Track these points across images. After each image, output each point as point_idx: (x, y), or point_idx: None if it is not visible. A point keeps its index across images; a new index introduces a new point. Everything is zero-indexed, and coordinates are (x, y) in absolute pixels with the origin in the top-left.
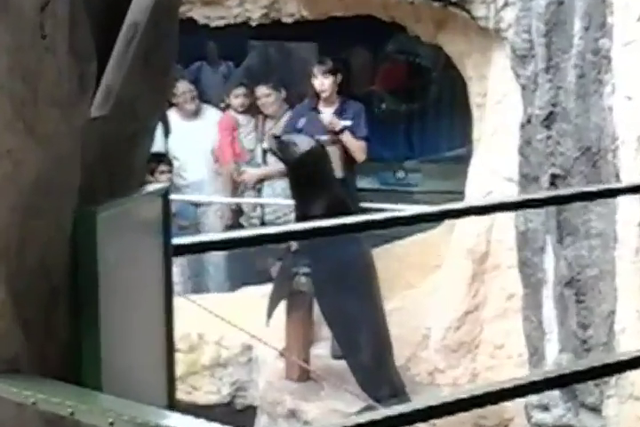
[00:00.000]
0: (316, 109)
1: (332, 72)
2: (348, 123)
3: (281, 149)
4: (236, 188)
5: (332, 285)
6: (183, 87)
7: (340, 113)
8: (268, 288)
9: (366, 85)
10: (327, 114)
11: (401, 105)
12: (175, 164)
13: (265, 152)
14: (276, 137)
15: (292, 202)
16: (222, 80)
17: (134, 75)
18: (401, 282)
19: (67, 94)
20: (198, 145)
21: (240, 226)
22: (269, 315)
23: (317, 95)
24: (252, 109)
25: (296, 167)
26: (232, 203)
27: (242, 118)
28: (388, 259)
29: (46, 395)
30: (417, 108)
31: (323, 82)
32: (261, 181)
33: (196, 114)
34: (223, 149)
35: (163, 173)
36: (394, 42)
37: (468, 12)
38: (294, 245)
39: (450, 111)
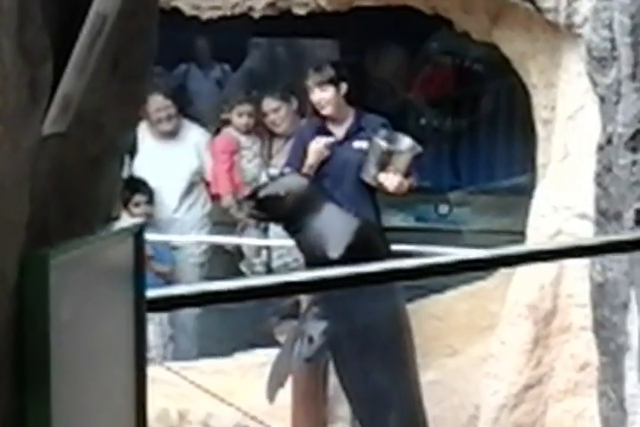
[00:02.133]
0: (323, 131)
1: (332, 81)
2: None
3: (263, 207)
4: (234, 226)
5: (356, 349)
6: (158, 102)
7: (354, 133)
8: (269, 353)
9: (400, 95)
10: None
11: (445, 120)
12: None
13: (272, 180)
14: (249, 196)
15: (301, 242)
16: (215, 87)
17: (100, 81)
18: (441, 347)
19: (12, 106)
20: (172, 172)
21: (239, 273)
22: (273, 390)
23: (317, 113)
24: (257, 127)
25: (294, 220)
26: (229, 245)
27: (245, 140)
28: (426, 317)
29: None
30: (465, 124)
31: (321, 96)
32: None
33: (173, 134)
34: (219, 178)
35: (138, 204)
36: (436, 40)
37: (533, 2)
38: (307, 299)
39: (508, 129)
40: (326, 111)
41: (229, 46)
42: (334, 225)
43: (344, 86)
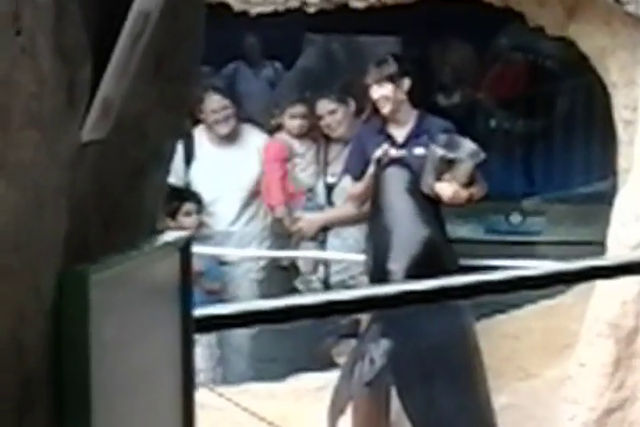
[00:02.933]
0: (383, 134)
1: (392, 78)
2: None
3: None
4: (289, 239)
5: (419, 373)
6: (215, 102)
7: (415, 137)
8: (327, 377)
9: (468, 94)
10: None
11: (517, 122)
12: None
13: (330, 189)
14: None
15: (363, 256)
16: (267, 87)
17: (142, 84)
18: (515, 369)
19: (50, 111)
20: (232, 180)
21: (295, 290)
22: (334, 417)
23: (376, 111)
24: (313, 132)
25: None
26: (283, 259)
27: (298, 145)
28: (497, 336)
29: None
30: (539, 126)
31: (380, 92)
32: (325, 229)
33: (231, 138)
34: (270, 188)
35: (189, 214)
36: (507, 35)
37: None
38: (367, 317)
39: (586, 131)
40: (386, 110)
41: (282, 44)
42: (396, 236)
43: (407, 83)
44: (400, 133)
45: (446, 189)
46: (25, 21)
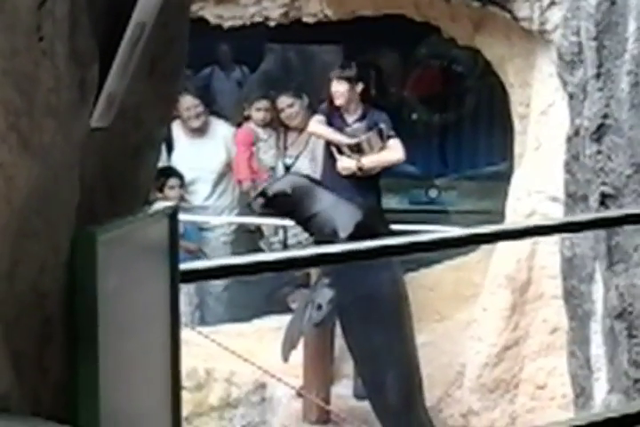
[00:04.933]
0: (338, 116)
1: (349, 79)
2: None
3: (273, 204)
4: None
5: (360, 316)
6: (188, 102)
7: (360, 122)
8: (284, 319)
9: (396, 93)
10: (344, 161)
11: (434, 115)
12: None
13: (287, 168)
14: (258, 195)
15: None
16: (236, 87)
17: (140, 81)
18: (432, 313)
19: (65, 103)
20: (205, 164)
21: (259, 250)
22: (287, 351)
23: (331, 102)
24: (273, 122)
25: (302, 212)
26: (250, 225)
27: (262, 132)
28: (418, 287)
29: None
30: (452, 118)
31: (337, 89)
32: None
33: (202, 130)
34: (239, 166)
35: (172, 188)
36: (427, 45)
37: (510, 11)
38: (317, 271)
39: (488, 123)
40: (338, 102)
41: (248, 51)
42: (341, 211)
43: (360, 85)
44: (350, 119)
45: (345, 161)
46: (46, 30)
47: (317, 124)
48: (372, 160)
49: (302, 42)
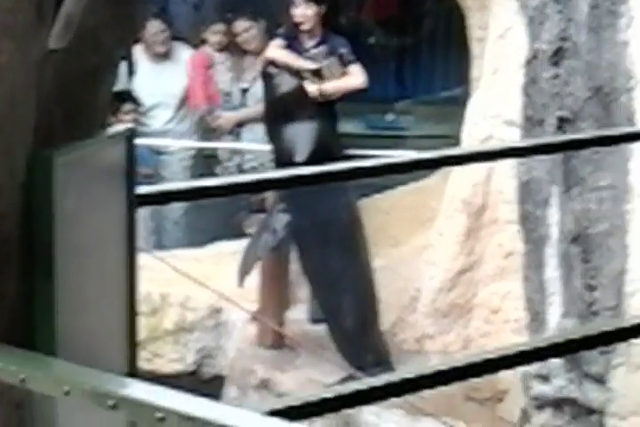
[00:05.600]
0: (297, 40)
1: (316, 1)
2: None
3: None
4: (210, 134)
5: (315, 240)
6: (155, 27)
7: (320, 46)
8: (239, 244)
9: (352, 16)
10: (312, 87)
11: (391, 39)
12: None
13: (244, 92)
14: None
15: (271, 147)
16: (192, 9)
17: (98, 2)
18: (387, 237)
19: (22, 24)
20: (167, 89)
21: (215, 175)
22: (243, 275)
23: (296, 26)
24: (230, 46)
25: (274, 106)
26: (207, 150)
27: (218, 56)
28: (374, 212)
29: None
30: (409, 42)
31: (305, 12)
32: (240, 125)
33: (166, 55)
34: (195, 90)
35: (128, 112)
36: None
37: None
38: (273, 196)
39: (446, 46)
40: (306, 26)
41: None
42: (299, 131)
43: (323, 7)
44: (310, 43)
45: (306, 86)
46: None
47: (277, 50)
48: (333, 86)
49: None
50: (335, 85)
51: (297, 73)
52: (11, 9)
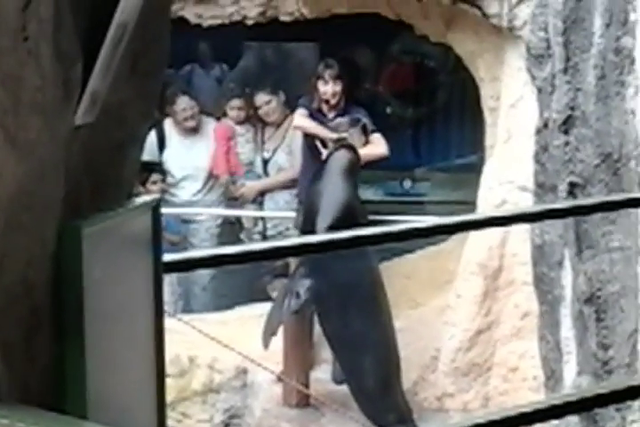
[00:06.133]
0: (320, 112)
1: (340, 77)
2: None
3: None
4: (234, 202)
5: (337, 303)
6: (184, 103)
7: (342, 116)
8: (264, 307)
9: (370, 88)
10: None
11: (407, 109)
12: (169, 180)
13: (265, 162)
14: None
15: (294, 214)
16: (216, 83)
17: (122, 79)
18: (407, 300)
19: (50, 101)
20: (196, 162)
21: (240, 241)
22: (267, 338)
23: (325, 102)
24: (251, 118)
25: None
26: (231, 217)
27: (239, 128)
28: (394, 275)
29: (28, 424)
30: (425, 112)
31: (334, 90)
32: (262, 193)
33: (195, 130)
34: (218, 160)
35: (155, 183)
36: (400, 41)
37: (480, 8)
38: (295, 261)
39: (460, 116)
40: (333, 102)
41: (227, 49)
42: (324, 200)
43: (345, 81)
44: (331, 114)
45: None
46: (31, 30)
47: (303, 119)
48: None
49: (279, 40)
50: (361, 153)
51: (322, 142)
52: (39, 87)
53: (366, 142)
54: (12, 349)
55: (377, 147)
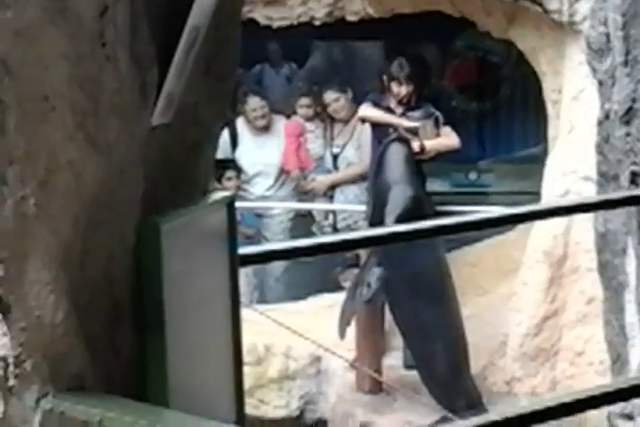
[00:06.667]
0: (389, 109)
1: (412, 77)
2: (418, 124)
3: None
4: (305, 196)
5: (407, 292)
6: (255, 103)
7: (414, 111)
8: (336, 297)
9: (435, 84)
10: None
11: (472, 103)
12: (242, 177)
13: (335, 157)
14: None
15: (363, 207)
16: (285, 82)
17: (196, 81)
18: (475, 288)
19: (128, 103)
20: (267, 160)
21: (312, 234)
22: (343, 328)
23: (394, 98)
24: (321, 115)
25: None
26: (303, 211)
27: (309, 124)
28: (462, 264)
29: (113, 413)
30: (489, 106)
31: (408, 89)
32: (332, 187)
33: (266, 128)
34: (288, 156)
35: (230, 179)
36: (463, 38)
37: (541, 5)
38: (366, 251)
39: (523, 109)
40: (405, 101)
41: (296, 49)
42: (392, 192)
43: (416, 80)
44: (399, 110)
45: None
46: (108, 36)
47: (371, 109)
48: (432, 144)
49: (346, 39)
50: (434, 143)
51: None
52: (117, 90)
53: (437, 135)
54: (96, 340)
55: (449, 139)
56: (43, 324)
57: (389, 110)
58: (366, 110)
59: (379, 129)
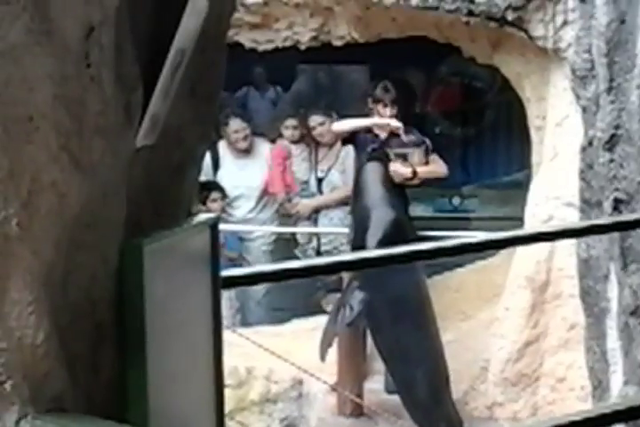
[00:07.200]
0: (372, 132)
1: (397, 101)
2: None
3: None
4: (289, 219)
5: (388, 317)
6: (236, 125)
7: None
8: (318, 320)
9: (420, 109)
10: (398, 167)
11: (456, 129)
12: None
13: (319, 181)
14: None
15: (347, 231)
16: (270, 106)
17: (180, 103)
18: (457, 313)
19: (112, 124)
20: (249, 182)
21: (295, 257)
22: (324, 350)
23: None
24: (305, 138)
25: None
26: (286, 234)
27: (294, 148)
28: (444, 289)
29: None
30: (473, 131)
31: (392, 112)
32: (317, 211)
33: (247, 151)
34: (274, 179)
35: (215, 200)
36: (448, 64)
37: (526, 31)
38: (348, 275)
39: (507, 135)
40: (394, 124)
41: (281, 72)
42: (373, 216)
43: (400, 104)
44: (383, 135)
45: (399, 167)
46: (93, 57)
47: (341, 121)
48: (423, 170)
49: (331, 63)
50: (425, 170)
51: (386, 158)
52: (101, 111)
53: (426, 162)
54: (76, 362)
55: (438, 166)
56: (23, 344)
57: (373, 134)
58: (337, 124)
59: (362, 150)
